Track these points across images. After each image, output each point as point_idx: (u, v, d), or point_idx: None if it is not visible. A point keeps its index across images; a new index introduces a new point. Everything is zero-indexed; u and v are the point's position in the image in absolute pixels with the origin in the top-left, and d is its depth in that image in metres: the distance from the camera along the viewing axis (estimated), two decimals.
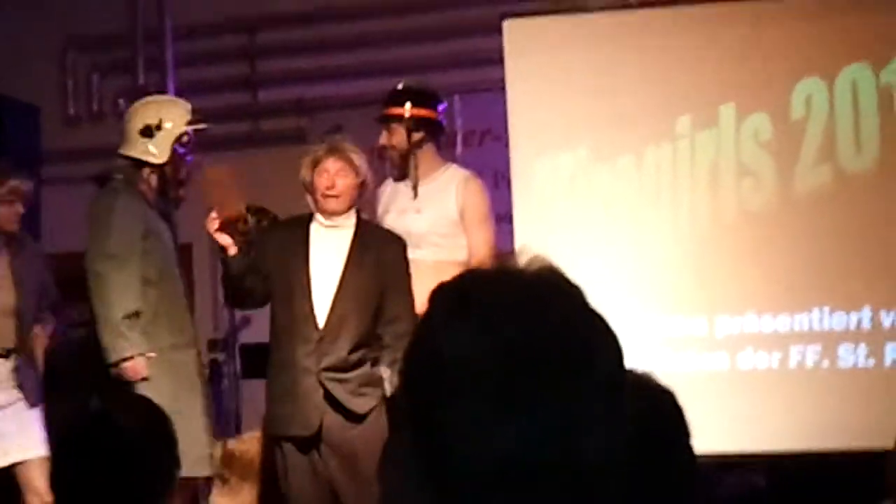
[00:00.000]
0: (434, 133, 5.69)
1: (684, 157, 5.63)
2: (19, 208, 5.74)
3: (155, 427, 2.85)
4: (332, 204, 5.23)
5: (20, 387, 5.68)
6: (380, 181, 5.88)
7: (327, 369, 5.19)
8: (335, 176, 5.22)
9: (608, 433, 1.19)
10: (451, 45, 7.54)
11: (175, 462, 2.86)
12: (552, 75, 5.74)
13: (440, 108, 5.72)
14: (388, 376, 5.22)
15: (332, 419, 5.19)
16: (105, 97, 8.17)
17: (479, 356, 1.17)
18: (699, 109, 5.59)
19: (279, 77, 7.93)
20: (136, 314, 5.36)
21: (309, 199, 5.29)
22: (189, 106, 5.66)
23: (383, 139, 5.67)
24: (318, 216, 5.29)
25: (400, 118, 5.63)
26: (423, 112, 5.64)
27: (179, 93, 7.84)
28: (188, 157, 5.55)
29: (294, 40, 7.93)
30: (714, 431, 5.01)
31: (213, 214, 5.30)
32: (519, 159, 5.77)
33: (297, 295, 5.24)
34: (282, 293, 5.28)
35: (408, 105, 5.63)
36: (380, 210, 5.72)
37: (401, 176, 5.69)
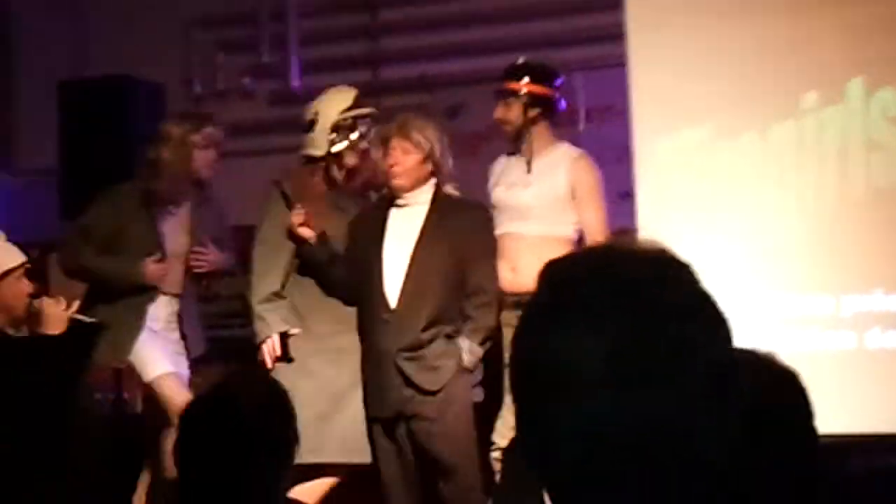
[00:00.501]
0: (550, 110, 5.67)
1: (810, 133, 5.52)
2: (214, 154, 5.85)
3: (274, 404, 2.89)
4: (396, 182, 5.30)
5: (183, 337, 5.85)
6: (495, 156, 5.90)
7: (403, 349, 5.23)
8: (398, 154, 5.28)
9: (719, 420, 1.16)
10: (574, 20, 7.49)
11: (294, 439, 2.90)
12: (675, 51, 5.68)
13: (557, 84, 5.70)
14: (466, 346, 5.25)
15: (409, 397, 5.23)
16: (229, 75, 8.26)
17: (587, 349, 1.15)
18: (826, 85, 5.48)
19: (401, 54, 7.94)
20: (277, 295, 5.51)
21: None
22: (350, 93, 5.71)
23: (498, 113, 5.67)
24: (396, 198, 5.36)
25: (516, 93, 5.62)
26: (539, 89, 5.63)
27: (303, 70, 7.92)
28: (357, 143, 5.57)
29: (415, 17, 7.94)
30: (841, 411, 4.92)
31: (300, 209, 5.40)
32: (641, 136, 5.72)
33: (371, 277, 5.31)
34: (359, 277, 5.34)
35: (525, 80, 5.63)
36: (490, 183, 5.72)
37: (514, 150, 5.68)
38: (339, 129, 5.58)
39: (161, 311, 5.81)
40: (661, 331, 1.16)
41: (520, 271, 5.45)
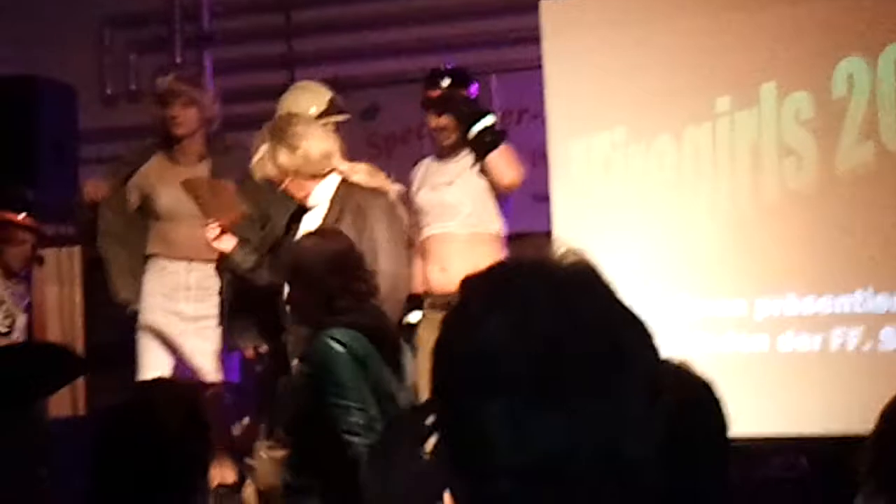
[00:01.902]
0: None
1: (724, 136, 5.56)
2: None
3: (192, 418, 2.85)
4: (299, 201, 5.25)
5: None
6: (419, 158, 5.88)
7: (301, 359, 5.18)
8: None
9: (646, 430, 1.16)
10: (490, 23, 7.48)
11: (208, 454, 2.87)
12: (589, 55, 5.69)
13: (475, 87, 5.70)
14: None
15: None
16: (142, 76, 8.16)
17: (514, 350, 1.14)
18: (739, 89, 5.51)
19: (315, 55, 7.89)
20: None
21: None
22: (323, 96, 5.75)
23: (436, 122, 5.61)
24: None
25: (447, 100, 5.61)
26: (461, 93, 5.62)
27: (216, 71, 7.84)
28: None
29: (329, 18, 7.90)
30: (754, 413, 4.96)
31: (213, 224, 5.33)
32: (556, 139, 5.73)
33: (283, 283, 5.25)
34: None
35: (445, 83, 5.62)
36: (414, 187, 5.70)
37: (447, 154, 5.64)
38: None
39: (179, 279, 5.76)
40: (591, 334, 1.15)
41: (449, 271, 5.44)
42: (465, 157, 5.61)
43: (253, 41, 7.99)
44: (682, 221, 5.54)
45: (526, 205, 5.69)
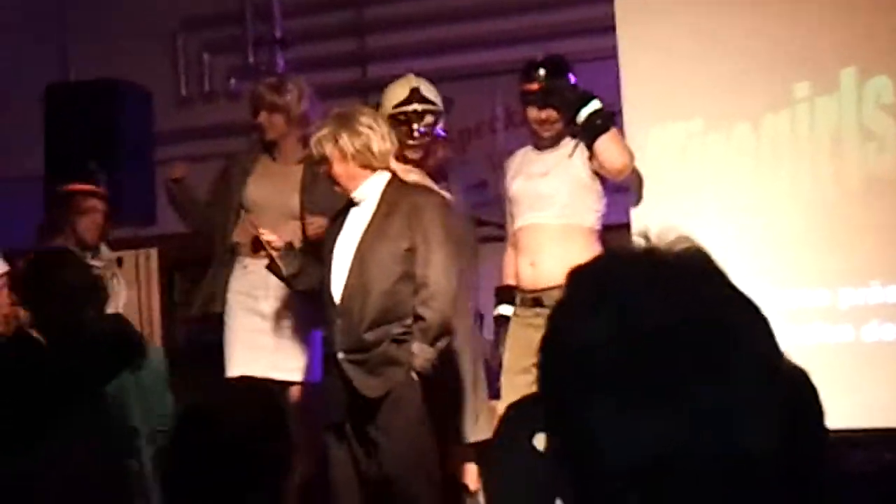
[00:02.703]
0: None
1: (804, 123, 5.47)
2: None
3: (268, 416, 2.83)
4: (338, 189, 5.24)
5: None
6: (493, 151, 5.85)
7: (346, 351, 5.11)
8: (329, 165, 5.20)
9: (764, 421, 1.11)
10: (564, 13, 7.44)
11: (289, 455, 2.84)
12: (665, 43, 5.62)
13: (571, 74, 5.65)
14: (416, 349, 5.03)
15: (354, 402, 5.09)
16: (216, 77, 8.20)
17: (623, 344, 1.09)
18: (819, 74, 5.42)
19: (389, 52, 7.88)
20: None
21: None
22: (407, 85, 5.73)
23: (536, 114, 5.57)
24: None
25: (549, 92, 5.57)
26: (559, 81, 5.57)
27: (288, 70, 7.86)
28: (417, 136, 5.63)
29: (402, 14, 7.89)
30: (838, 406, 4.86)
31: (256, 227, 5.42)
32: (632, 129, 5.66)
33: (325, 279, 5.21)
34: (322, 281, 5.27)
35: (542, 73, 5.56)
36: (508, 176, 5.66)
37: (546, 144, 5.60)
38: (394, 123, 5.54)
39: (259, 279, 5.78)
40: (704, 323, 1.10)
41: (539, 266, 5.40)
42: (563, 148, 5.55)
43: (325, 39, 8.00)
44: (761, 210, 5.45)
45: (604, 195, 5.63)
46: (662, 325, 1.09)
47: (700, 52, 5.56)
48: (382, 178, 5.21)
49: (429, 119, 5.70)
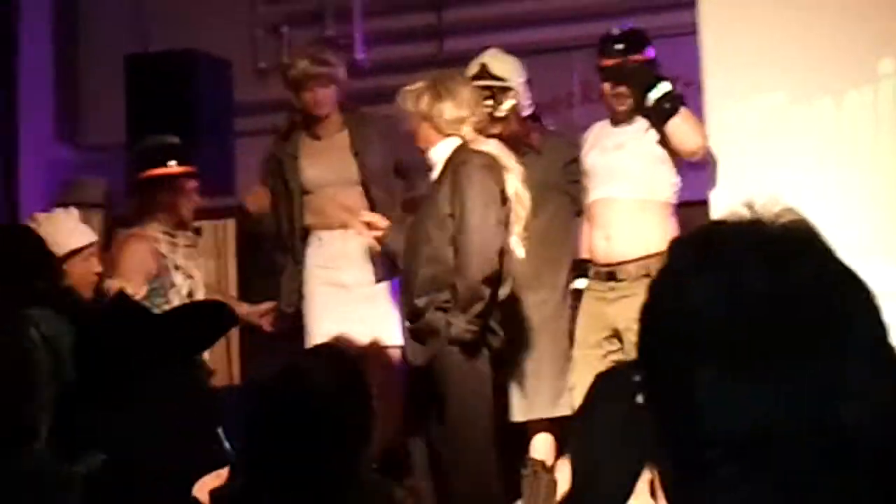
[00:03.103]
0: None
1: (887, 100, 5.41)
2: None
3: (350, 383, 2.80)
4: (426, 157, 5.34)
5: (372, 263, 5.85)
6: (570, 127, 5.85)
7: (408, 319, 5.21)
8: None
9: (871, 396, 1.09)
10: None
11: (370, 419, 2.81)
12: (746, 18, 5.58)
13: (649, 51, 5.63)
14: (452, 319, 5.01)
15: (413, 372, 5.27)
16: (294, 49, 8.23)
17: (727, 312, 1.08)
18: None
19: (465, 26, 7.87)
20: None
21: None
22: (478, 62, 5.83)
23: (610, 89, 5.56)
24: None
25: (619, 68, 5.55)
26: (642, 57, 5.59)
27: (367, 43, 7.88)
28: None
29: None
30: None
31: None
32: (713, 104, 5.63)
33: None
34: None
35: (619, 48, 5.58)
36: (584, 150, 5.67)
37: (621, 119, 5.59)
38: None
39: (335, 249, 5.88)
40: (812, 295, 1.09)
41: (613, 239, 5.39)
42: (639, 122, 5.55)
43: (402, 12, 8.00)
44: (843, 187, 5.41)
45: (681, 174, 5.60)
46: (772, 294, 1.08)
47: (782, 26, 5.51)
48: (451, 143, 5.23)
49: (497, 98, 5.69)
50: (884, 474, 1.09)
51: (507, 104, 5.73)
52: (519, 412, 5.69)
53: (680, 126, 5.35)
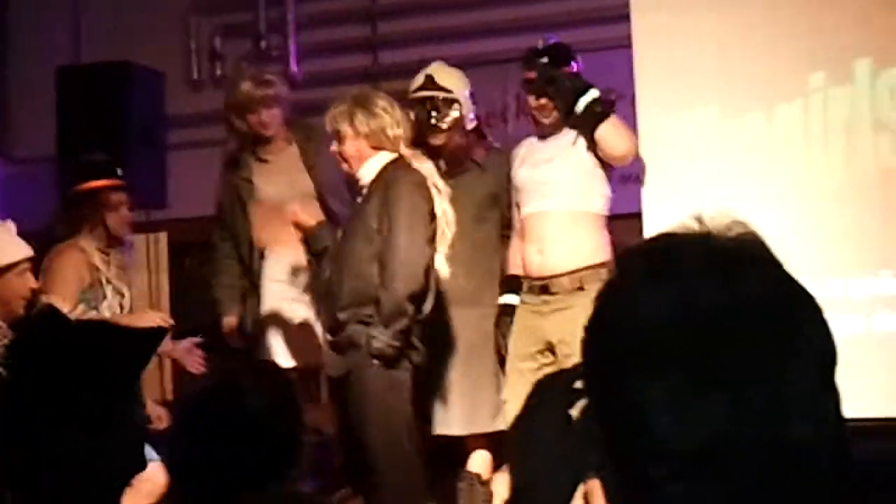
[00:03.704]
0: None
1: (817, 114, 5.47)
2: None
3: (279, 395, 2.79)
4: (345, 170, 5.31)
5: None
6: (505, 141, 5.88)
7: (328, 332, 5.22)
8: (335, 148, 5.27)
9: (818, 412, 1.08)
10: (575, 2, 7.42)
11: (299, 434, 2.80)
12: (680, 32, 5.63)
13: (574, 64, 5.64)
14: (375, 332, 5.01)
15: (334, 386, 5.32)
16: (228, 61, 8.20)
17: (677, 326, 1.06)
18: (833, 65, 5.43)
19: (399, 38, 7.88)
20: None
21: None
22: (423, 73, 5.89)
23: (535, 102, 5.58)
24: None
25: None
26: (566, 70, 5.56)
27: (300, 55, 7.86)
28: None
29: (415, 1, 7.88)
30: (849, 396, 4.87)
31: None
32: (646, 118, 5.67)
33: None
34: None
35: (543, 62, 5.56)
36: (514, 166, 5.67)
37: (548, 132, 5.60)
38: (415, 108, 5.68)
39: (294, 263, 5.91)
40: (761, 309, 1.08)
41: (546, 253, 5.40)
42: (567, 135, 5.55)
43: (337, 24, 7.99)
44: (774, 200, 5.46)
45: (613, 186, 5.63)
46: (724, 308, 1.07)
47: (714, 41, 5.57)
48: (383, 158, 5.24)
49: (442, 109, 5.72)
50: (831, 489, 1.09)
51: (452, 115, 5.75)
52: (458, 426, 5.69)
53: (609, 131, 5.37)
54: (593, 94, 5.39)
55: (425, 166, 5.28)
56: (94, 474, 2.08)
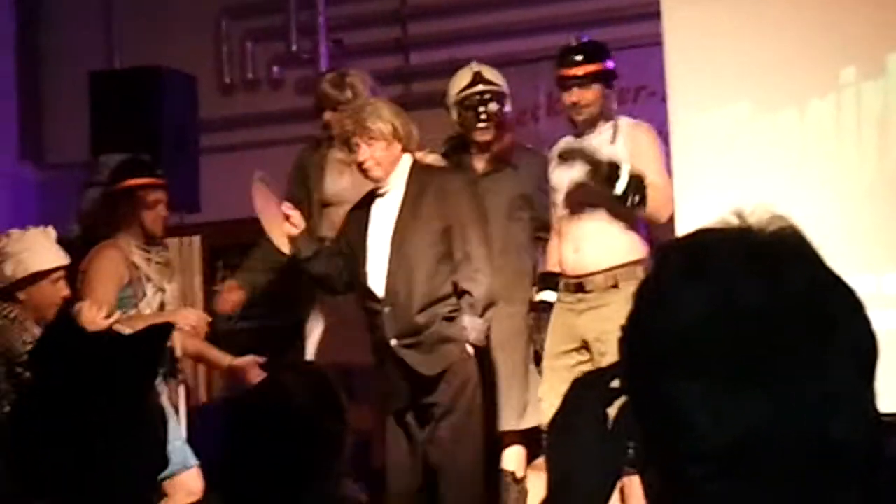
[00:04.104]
0: (610, 86, 5.62)
1: (849, 108, 5.45)
2: None
3: (326, 398, 2.83)
4: (372, 175, 5.30)
5: None
6: (536, 140, 5.89)
7: (399, 336, 5.16)
8: (363, 149, 5.24)
9: (857, 408, 1.07)
10: (603, 0, 7.41)
11: (344, 432, 2.84)
12: (711, 28, 5.61)
13: (611, 59, 5.63)
14: (468, 323, 5.14)
15: (415, 385, 5.17)
16: (259, 64, 8.23)
17: (715, 324, 1.06)
18: (865, 59, 5.40)
19: (431, 39, 7.89)
20: None
21: None
22: (469, 71, 5.94)
23: (577, 97, 5.56)
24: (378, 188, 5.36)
25: (593, 76, 5.54)
26: (601, 66, 5.57)
27: (332, 58, 7.88)
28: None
29: (445, 1, 7.89)
30: (884, 392, 4.85)
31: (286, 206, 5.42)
32: (678, 114, 5.66)
33: (360, 272, 5.27)
34: (354, 272, 5.31)
35: (592, 60, 5.56)
36: (551, 165, 5.67)
37: (584, 128, 5.59)
38: (461, 109, 5.75)
39: None
40: (798, 305, 1.06)
41: (583, 251, 5.40)
42: (604, 133, 5.53)
43: (367, 26, 8.01)
44: (807, 195, 5.43)
45: None
46: (762, 305, 1.06)
47: (746, 36, 5.55)
48: (406, 162, 5.29)
49: (493, 104, 5.77)
50: (871, 485, 1.08)
51: (505, 110, 5.81)
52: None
53: (652, 211, 5.37)
54: (625, 175, 5.31)
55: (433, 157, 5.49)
56: (115, 478, 2.11)
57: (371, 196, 5.38)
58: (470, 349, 5.19)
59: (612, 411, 1.31)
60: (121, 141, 7.05)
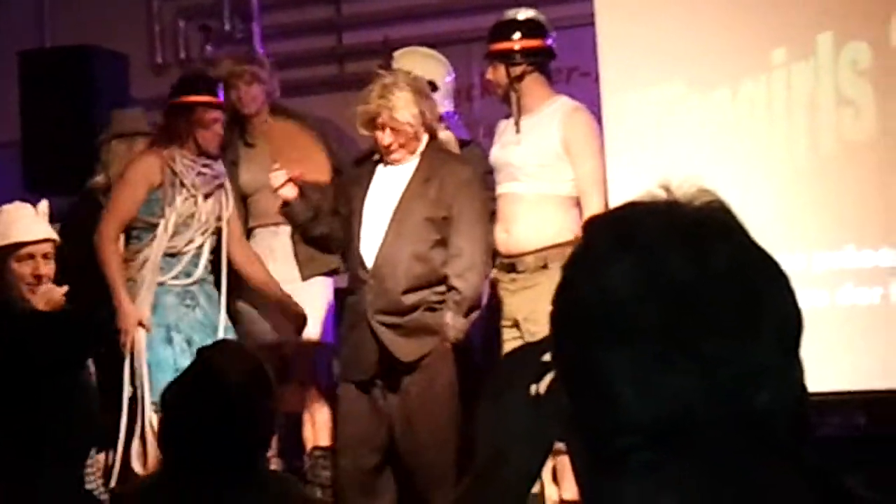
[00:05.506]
0: (542, 64, 5.56)
1: (781, 88, 5.50)
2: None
3: (256, 377, 2.87)
4: (394, 158, 5.24)
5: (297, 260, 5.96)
6: (470, 120, 5.88)
7: (379, 312, 5.13)
8: (389, 134, 5.17)
9: (783, 381, 1.08)
10: None
11: (274, 411, 2.89)
12: (642, 8, 5.64)
13: (550, 36, 5.60)
14: (450, 319, 5.09)
15: (385, 364, 5.12)
16: (192, 44, 8.17)
17: (644, 296, 1.06)
18: (796, 39, 5.45)
19: (364, 19, 7.87)
20: None
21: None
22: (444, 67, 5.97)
23: (489, 74, 5.58)
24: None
25: (506, 53, 5.51)
26: (532, 42, 5.51)
27: (265, 37, 7.84)
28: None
29: None
30: (813, 370, 4.90)
31: (278, 171, 5.36)
32: (610, 95, 5.68)
33: (352, 236, 5.22)
34: (346, 235, 5.27)
35: (517, 35, 5.53)
36: (493, 144, 5.68)
37: (510, 111, 5.60)
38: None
39: (265, 244, 6.04)
40: (726, 279, 1.07)
41: (514, 233, 5.41)
42: (536, 115, 5.51)
43: (301, 6, 7.97)
44: (738, 175, 5.48)
45: None
46: (689, 278, 1.07)
47: (678, 16, 5.58)
48: (423, 140, 5.28)
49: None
50: (791, 455, 1.09)
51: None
52: None
53: None
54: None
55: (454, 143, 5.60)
56: (45, 453, 2.12)
57: (372, 163, 5.33)
58: (448, 345, 5.12)
59: (541, 386, 1.31)
60: (52, 120, 7.00)
